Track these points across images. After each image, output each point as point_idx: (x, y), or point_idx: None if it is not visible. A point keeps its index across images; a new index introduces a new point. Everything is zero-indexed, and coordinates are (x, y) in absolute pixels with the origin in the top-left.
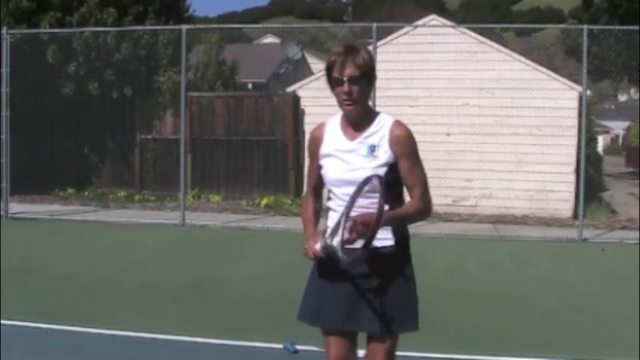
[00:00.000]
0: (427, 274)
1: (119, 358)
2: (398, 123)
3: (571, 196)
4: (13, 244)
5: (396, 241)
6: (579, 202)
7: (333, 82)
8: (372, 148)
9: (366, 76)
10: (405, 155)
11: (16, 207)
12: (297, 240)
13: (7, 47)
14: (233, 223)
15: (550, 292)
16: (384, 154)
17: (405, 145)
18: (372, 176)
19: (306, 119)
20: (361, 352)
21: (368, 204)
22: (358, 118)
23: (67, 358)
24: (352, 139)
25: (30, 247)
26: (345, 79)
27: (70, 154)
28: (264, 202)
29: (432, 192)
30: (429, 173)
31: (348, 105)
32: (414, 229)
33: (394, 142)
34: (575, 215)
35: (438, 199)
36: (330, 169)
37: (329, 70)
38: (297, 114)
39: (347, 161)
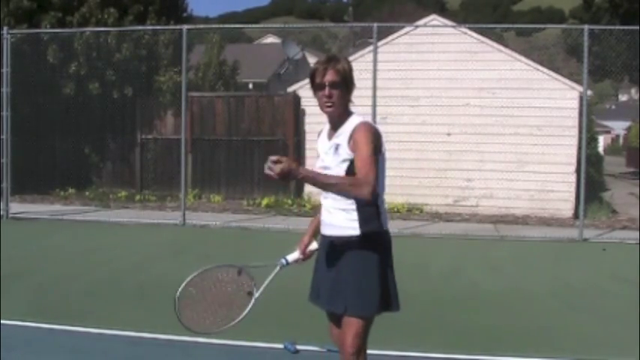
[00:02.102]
0: (428, 274)
1: (120, 358)
2: (362, 124)
3: (572, 196)
4: (13, 244)
5: (362, 233)
6: (580, 202)
7: (316, 87)
8: (337, 147)
9: (345, 83)
10: (357, 147)
11: (16, 207)
12: (297, 240)
13: (8, 47)
14: (234, 223)
15: (550, 292)
16: (344, 151)
17: (358, 138)
18: None
19: (307, 119)
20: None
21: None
22: (337, 120)
23: (67, 358)
24: (330, 139)
25: (30, 247)
26: (326, 83)
27: (70, 154)
28: (264, 202)
29: (433, 192)
30: (430, 173)
31: (328, 107)
32: (414, 229)
33: (352, 139)
34: (576, 215)
35: (439, 199)
36: (316, 167)
37: (312, 77)
38: (298, 114)
39: (323, 159)
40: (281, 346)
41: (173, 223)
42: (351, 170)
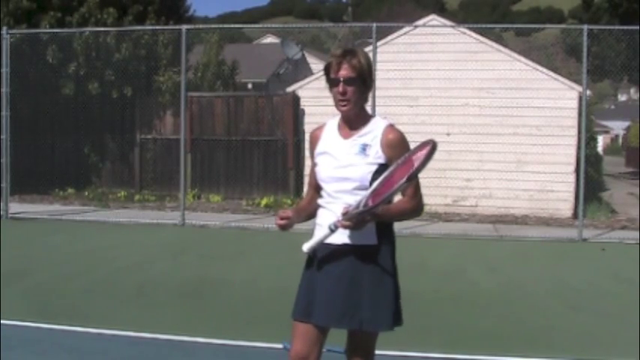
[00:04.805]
0: (427, 274)
1: (120, 358)
2: (391, 127)
3: (571, 196)
4: (13, 244)
5: (379, 242)
6: (579, 202)
7: (330, 83)
8: (364, 147)
9: (362, 79)
10: (398, 158)
11: (16, 207)
12: (297, 240)
13: (7, 47)
14: (233, 223)
15: (550, 292)
16: (375, 154)
17: (398, 148)
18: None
19: (306, 119)
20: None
21: (354, 201)
22: (354, 118)
23: (67, 358)
24: (346, 137)
25: (30, 247)
26: (340, 79)
27: (70, 153)
28: (264, 202)
29: (432, 192)
30: (429, 173)
31: (343, 105)
32: (414, 229)
33: (387, 145)
34: (575, 215)
35: (438, 199)
36: (323, 166)
37: (327, 71)
38: (297, 114)
39: (338, 158)
40: (281, 346)
41: (172, 223)
42: (377, 173)
